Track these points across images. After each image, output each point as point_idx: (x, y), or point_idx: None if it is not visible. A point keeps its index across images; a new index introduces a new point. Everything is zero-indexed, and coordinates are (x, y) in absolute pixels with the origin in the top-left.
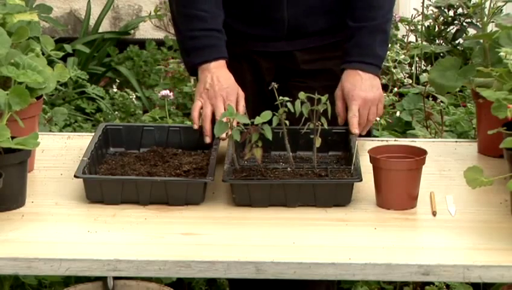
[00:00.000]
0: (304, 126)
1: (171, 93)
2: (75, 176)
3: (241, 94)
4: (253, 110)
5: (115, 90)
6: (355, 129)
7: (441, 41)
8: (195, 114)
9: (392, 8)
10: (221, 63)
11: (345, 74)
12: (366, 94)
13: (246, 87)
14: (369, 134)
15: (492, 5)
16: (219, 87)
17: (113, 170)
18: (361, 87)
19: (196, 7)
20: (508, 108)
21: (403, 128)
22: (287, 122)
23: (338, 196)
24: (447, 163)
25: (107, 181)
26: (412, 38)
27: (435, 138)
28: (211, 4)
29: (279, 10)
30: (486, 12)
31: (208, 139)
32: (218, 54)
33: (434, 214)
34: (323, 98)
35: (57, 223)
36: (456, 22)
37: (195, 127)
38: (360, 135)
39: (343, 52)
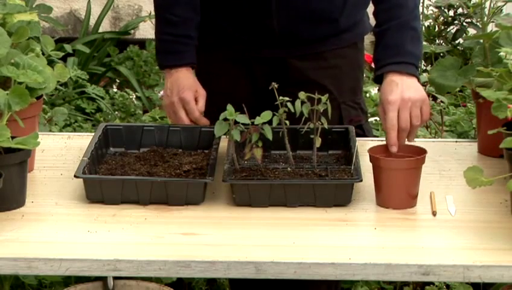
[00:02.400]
0: (304, 126)
1: None
2: (75, 176)
3: (201, 93)
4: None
5: (115, 90)
6: (392, 147)
7: (441, 41)
8: (176, 121)
9: (418, 5)
10: (184, 69)
11: (383, 83)
12: (403, 94)
13: (239, 91)
14: (364, 133)
15: (492, 5)
16: (176, 92)
17: (113, 170)
18: (398, 90)
19: (169, 11)
20: (508, 108)
21: None
22: (287, 122)
23: (338, 196)
24: (447, 163)
25: (107, 181)
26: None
27: (435, 138)
28: (185, 8)
29: (268, 17)
30: (486, 12)
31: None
32: (181, 61)
33: (434, 214)
34: (324, 98)
35: (57, 223)
36: (456, 22)
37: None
38: (358, 135)
39: (374, 61)
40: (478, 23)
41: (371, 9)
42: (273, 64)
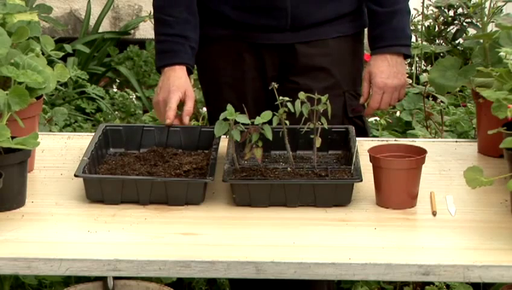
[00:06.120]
0: (304, 126)
1: None
2: (75, 175)
3: (190, 94)
4: (255, 108)
5: (115, 90)
6: (368, 113)
7: (441, 41)
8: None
9: None
10: (177, 68)
11: (375, 58)
12: (392, 81)
13: (247, 84)
14: (366, 134)
15: (492, 5)
16: (162, 92)
17: (113, 170)
18: (389, 74)
19: (165, 12)
20: (508, 108)
21: (403, 128)
22: (287, 122)
23: (338, 196)
24: (447, 163)
25: (107, 181)
26: (412, 38)
27: (435, 138)
28: (180, 9)
29: None
30: (486, 12)
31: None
32: (173, 60)
33: (434, 214)
34: (324, 98)
35: (57, 223)
36: (456, 22)
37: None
38: (358, 127)
39: (375, 37)
40: (478, 23)
41: None
42: (281, 51)
